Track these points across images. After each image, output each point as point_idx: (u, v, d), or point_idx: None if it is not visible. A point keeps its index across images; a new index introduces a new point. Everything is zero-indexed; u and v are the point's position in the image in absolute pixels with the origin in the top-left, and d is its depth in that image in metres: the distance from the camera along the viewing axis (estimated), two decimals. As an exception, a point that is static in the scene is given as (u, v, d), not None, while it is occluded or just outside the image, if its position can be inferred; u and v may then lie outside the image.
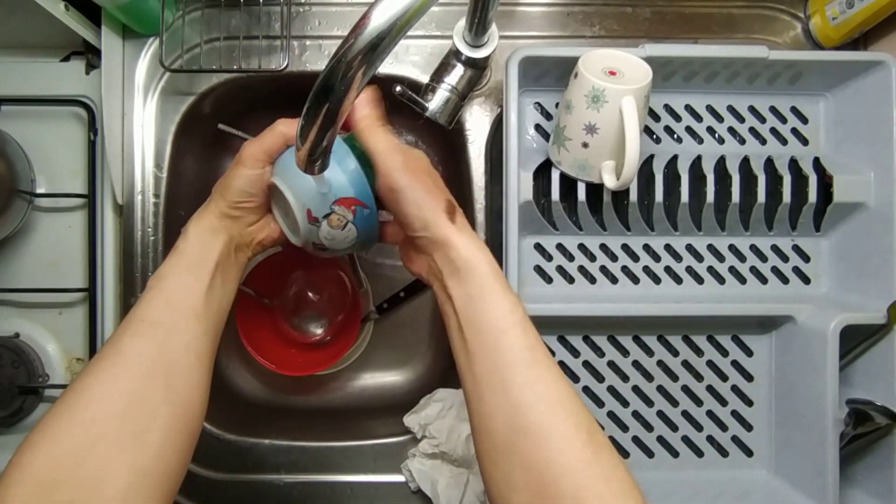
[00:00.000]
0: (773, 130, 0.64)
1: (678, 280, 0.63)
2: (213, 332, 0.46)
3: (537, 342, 0.41)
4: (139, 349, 0.41)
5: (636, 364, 0.63)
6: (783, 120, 0.64)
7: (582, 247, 0.63)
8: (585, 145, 0.54)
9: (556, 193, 0.60)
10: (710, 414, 0.64)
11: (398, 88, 0.57)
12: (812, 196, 0.61)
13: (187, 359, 0.43)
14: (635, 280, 0.63)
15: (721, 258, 0.63)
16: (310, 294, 0.75)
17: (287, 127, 0.48)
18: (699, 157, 0.61)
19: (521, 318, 0.41)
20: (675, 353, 0.64)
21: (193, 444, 0.43)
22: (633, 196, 0.60)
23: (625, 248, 0.63)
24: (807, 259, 0.64)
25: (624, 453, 0.63)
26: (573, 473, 0.36)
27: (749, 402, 0.64)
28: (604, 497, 0.36)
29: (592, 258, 0.63)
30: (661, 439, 0.63)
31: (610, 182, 0.54)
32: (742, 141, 0.63)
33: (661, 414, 0.63)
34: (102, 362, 0.41)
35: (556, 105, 0.62)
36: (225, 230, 0.48)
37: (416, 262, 0.47)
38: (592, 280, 0.63)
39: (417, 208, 0.43)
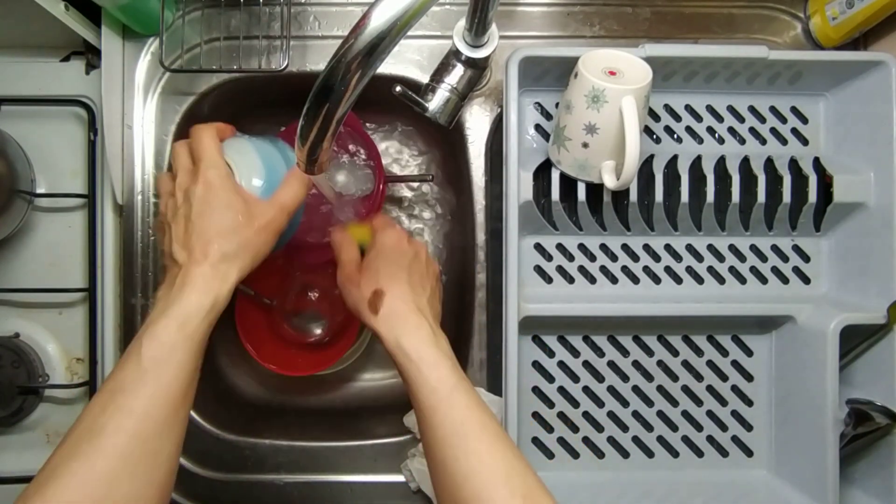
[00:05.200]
0: (773, 130, 0.64)
1: (678, 280, 0.63)
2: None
3: (468, 412, 0.43)
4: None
5: (636, 364, 0.63)
6: (783, 120, 0.64)
7: (582, 247, 0.63)
8: (585, 145, 0.54)
9: (556, 193, 0.60)
10: (710, 414, 0.64)
11: (398, 88, 0.57)
12: (812, 196, 0.61)
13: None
14: (635, 280, 0.63)
15: (721, 258, 0.63)
16: (310, 294, 0.75)
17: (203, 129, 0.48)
18: (699, 157, 0.61)
19: (447, 393, 0.43)
20: (675, 353, 0.64)
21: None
22: (633, 196, 0.60)
23: (625, 248, 0.63)
24: (807, 259, 0.64)
25: (624, 453, 0.63)
26: None
27: (749, 402, 0.64)
28: None
29: (592, 258, 0.63)
30: (661, 439, 0.63)
31: (610, 182, 0.54)
32: (742, 141, 0.63)
33: (661, 414, 0.63)
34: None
35: (556, 105, 0.62)
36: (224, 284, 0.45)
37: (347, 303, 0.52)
38: (592, 280, 0.63)
39: (348, 301, 0.51)
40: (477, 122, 0.66)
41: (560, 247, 0.63)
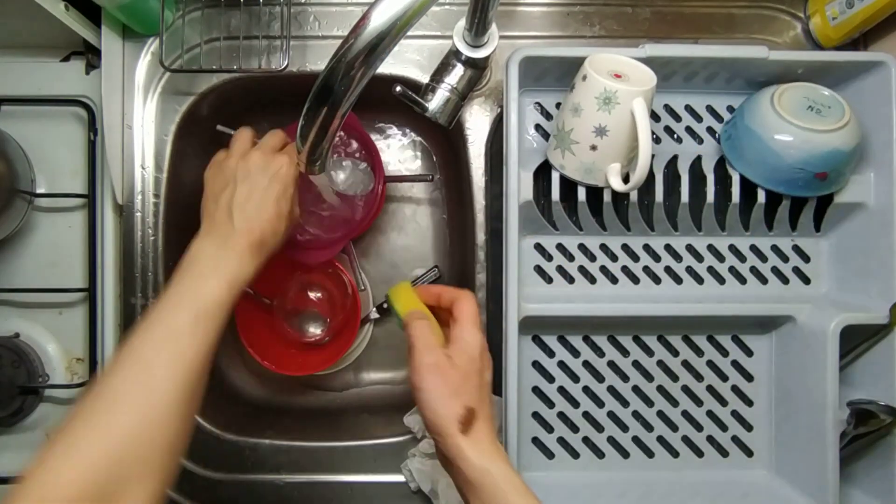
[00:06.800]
0: (774, 130, 0.63)
1: (678, 280, 0.63)
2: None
3: None
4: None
5: (636, 364, 0.63)
6: (783, 120, 0.64)
7: (582, 247, 0.63)
8: (594, 148, 0.54)
9: (556, 193, 0.60)
10: (710, 414, 0.64)
11: (398, 88, 0.57)
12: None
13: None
14: (635, 280, 0.63)
15: (721, 258, 0.63)
16: (310, 294, 0.75)
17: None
18: (699, 157, 0.61)
19: None
20: (675, 353, 0.64)
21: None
22: (633, 196, 0.60)
23: (625, 248, 0.63)
24: (807, 259, 0.64)
25: (624, 453, 0.63)
26: None
27: (749, 402, 0.64)
28: None
29: (592, 258, 0.63)
30: (661, 439, 0.63)
31: (617, 185, 0.54)
32: (742, 141, 0.63)
33: (661, 414, 0.63)
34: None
35: (557, 105, 0.62)
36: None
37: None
38: (592, 280, 0.63)
39: (433, 413, 0.43)
40: (477, 122, 0.66)
41: (560, 247, 0.63)
